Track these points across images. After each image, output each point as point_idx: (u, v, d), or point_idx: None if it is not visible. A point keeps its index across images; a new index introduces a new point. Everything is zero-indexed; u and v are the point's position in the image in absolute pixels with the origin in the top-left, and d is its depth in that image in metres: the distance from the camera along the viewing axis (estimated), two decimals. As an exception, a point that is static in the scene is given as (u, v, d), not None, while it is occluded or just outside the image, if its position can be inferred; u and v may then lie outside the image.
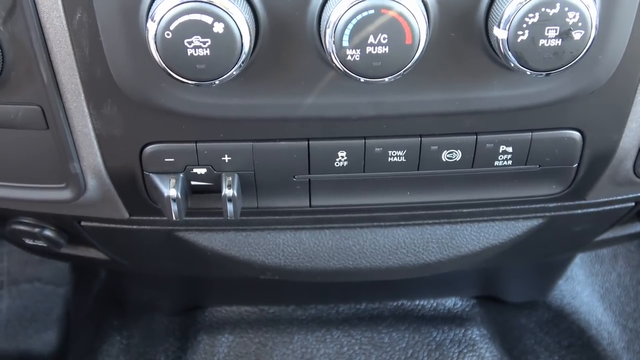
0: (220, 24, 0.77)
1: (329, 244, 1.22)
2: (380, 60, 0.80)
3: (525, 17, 0.78)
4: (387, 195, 1.09)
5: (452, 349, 1.94)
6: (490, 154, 1.01)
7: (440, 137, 1.00)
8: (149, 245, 1.28)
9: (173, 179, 1.01)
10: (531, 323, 2.03)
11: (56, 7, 0.85)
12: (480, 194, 1.10)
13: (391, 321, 2.00)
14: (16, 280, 2.01)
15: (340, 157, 1.01)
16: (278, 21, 0.83)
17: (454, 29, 0.84)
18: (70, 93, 0.93)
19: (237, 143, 0.99)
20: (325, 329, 1.98)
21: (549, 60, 0.81)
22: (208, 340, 1.97)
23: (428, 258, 1.23)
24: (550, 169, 1.05)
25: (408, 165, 1.02)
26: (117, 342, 1.99)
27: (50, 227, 1.28)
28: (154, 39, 0.78)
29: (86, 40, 0.87)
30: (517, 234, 1.22)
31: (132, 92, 0.90)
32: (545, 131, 1.00)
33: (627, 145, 1.02)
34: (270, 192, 1.06)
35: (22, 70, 0.90)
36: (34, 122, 0.96)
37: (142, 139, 0.98)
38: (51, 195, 1.06)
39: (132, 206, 1.12)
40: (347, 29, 0.77)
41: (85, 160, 1.01)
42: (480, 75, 0.89)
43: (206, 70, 0.80)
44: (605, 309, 2.02)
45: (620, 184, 1.10)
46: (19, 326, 1.95)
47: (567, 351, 1.96)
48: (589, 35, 0.79)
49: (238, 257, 1.22)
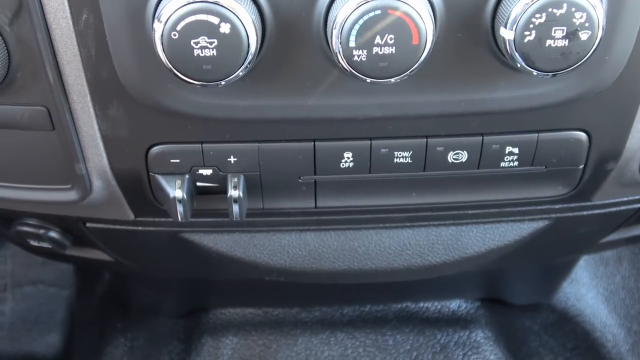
0: (226, 24, 0.77)
1: (334, 245, 1.21)
2: (386, 61, 0.80)
3: (532, 17, 0.77)
4: (393, 197, 1.09)
5: (457, 351, 1.94)
6: (497, 155, 1.01)
7: (446, 138, 0.99)
8: (154, 246, 1.28)
9: (179, 180, 1.01)
10: (535, 325, 2.03)
11: (62, 8, 0.85)
12: (486, 195, 1.10)
13: (395, 323, 1.99)
14: (20, 283, 2.01)
15: (346, 158, 1.01)
16: (284, 22, 0.83)
17: (460, 30, 0.84)
18: (76, 94, 0.93)
19: (243, 144, 0.99)
20: (330, 331, 1.98)
21: (555, 61, 0.81)
22: (212, 342, 1.97)
23: (433, 259, 1.23)
24: (556, 170, 1.05)
25: (414, 166, 1.02)
26: (121, 345, 1.99)
27: (55, 228, 1.28)
28: (160, 39, 0.78)
29: (92, 41, 0.87)
30: (523, 236, 1.22)
31: (138, 93, 0.90)
32: (552, 132, 1.00)
33: (634, 146, 1.02)
34: (275, 193, 1.06)
35: (28, 71, 0.90)
36: (40, 123, 0.96)
37: (147, 140, 0.98)
38: (57, 196, 1.06)
39: (137, 207, 1.12)
40: (353, 29, 0.77)
41: (91, 161, 1.01)
42: (486, 76, 0.89)
43: (212, 71, 0.80)
44: (610, 312, 2.01)
45: (627, 185, 1.10)
46: (22, 329, 1.95)
47: (571, 353, 1.96)
48: (596, 36, 0.79)
49: (243, 258, 1.22)
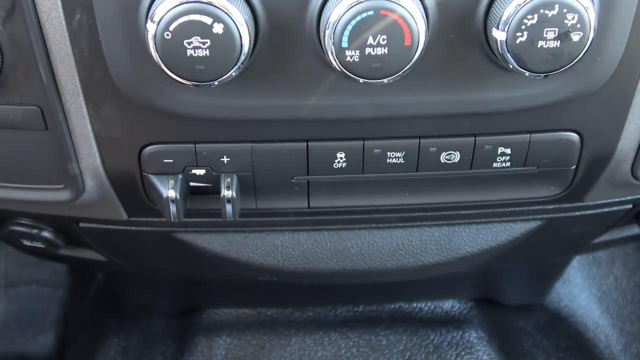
0: (219, 24, 0.77)
1: (327, 245, 1.21)
2: (379, 62, 0.80)
3: (524, 18, 0.78)
4: (386, 197, 1.09)
5: (450, 351, 1.94)
6: (489, 156, 1.02)
7: (439, 139, 1.00)
8: (147, 246, 1.28)
9: (172, 180, 1.01)
10: (529, 326, 2.03)
11: (56, 8, 0.85)
12: (479, 195, 1.10)
13: (389, 323, 1.99)
14: (13, 283, 2.00)
15: (339, 158, 1.01)
16: (277, 22, 0.83)
17: (453, 31, 0.84)
18: (70, 94, 0.93)
19: (236, 144, 0.99)
20: (323, 331, 1.98)
21: (547, 62, 0.81)
22: (205, 342, 1.97)
23: (426, 260, 1.23)
24: (548, 170, 1.05)
25: (407, 166, 1.02)
26: (115, 345, 1.99)
27: (49, 228, 1.28)
28: (153, 39, 0.78)
29: (86, 40, 0.87)
30: (515, 236, 1.22)
31: (131, 92, 0.90)
32: (544, 133, 1.00)
33: (625, 147, 1.02)
34: (269, 193, 1.06)
35: (21, 71, 0.90)
36: (33, 123, 0.96)
37: (141, 139, 0.98)
38: (50, 196, 1.06)
39: (130, 207, 1.12)
40: (346, 30, 0.78)
41: (84, 161, 1.01)
42: (479, 77, 0.89)
43: (205, 71, 0.80)
44: (603, 312, 2.02)
45: (618, 186, 1.10)
46: (16, 329, 1.94)
47: (564, 354, 1.96)
48: (588, 37, 0.79)
49: (236, 258, 1.22)
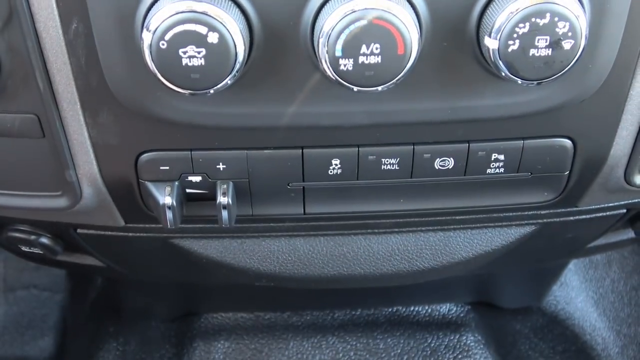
0: (214, 34, 0.78)
1: (323, 251, 1.22)
2: (372, 70, 0.80)
3: (516, 27, 0.78)
4: (381, 203, 1.10)
5: (447, 354, 1.95)
6: (483, 162, 1.02)
7: (433, 145, 1.00)
8: (144, 252, 1.29)
9: (168, 187, 1.02)
10: (525, 329, 2.04)
11: (52, 17, 0.86)
12: (473, 201, 1.11)
13: (386, 327, 2.00)
14: (12, 287, 2.00)
15: (334, 165, 1.01)
16: (272, 31, 0.83)
17: (445, 39, 0.85)
18: (67, 102, 0.93)
19: (232, 151, 1.00)
20: (321, 335, 1.98)
21: (539, 70, 0.82)
22: (204, 346, 1.97)
23: (421, 265, 1.24)
24: (542, 176, 1.06)
25: (401, 172, 1.03)
26: (113, 349, 1.99)
27: (47, 234, 1.28)
28: (149, 48, 0.79)
29: (82, 49, 0.88)
30: (510, 241, 1.23)
31: (127, 100, 0.91)
32: (537, 139, 1.00)
33: (618, 153, 1.03)
34: (264, 199, 1.07)
35: (18, 79, 0.91)
36: (30, 131, 0.96)
37: (137, 147, 0.99)
38: (47, 203, 1.07)
39: (127, 214, 1.12)
40: (340, 38, 0.78)
41: (81, 169, 1.01)
42: (472, 84, 0.90)
43: (201, 80, 0.81)
44: (599, 315, 2.02)
45: (612, 191, 1.10)
46: (15, 333, 1.94)
47: (561, 357, 1.97)
48: (579, 45, 0.80)
49: (233, 264, 1.23)
